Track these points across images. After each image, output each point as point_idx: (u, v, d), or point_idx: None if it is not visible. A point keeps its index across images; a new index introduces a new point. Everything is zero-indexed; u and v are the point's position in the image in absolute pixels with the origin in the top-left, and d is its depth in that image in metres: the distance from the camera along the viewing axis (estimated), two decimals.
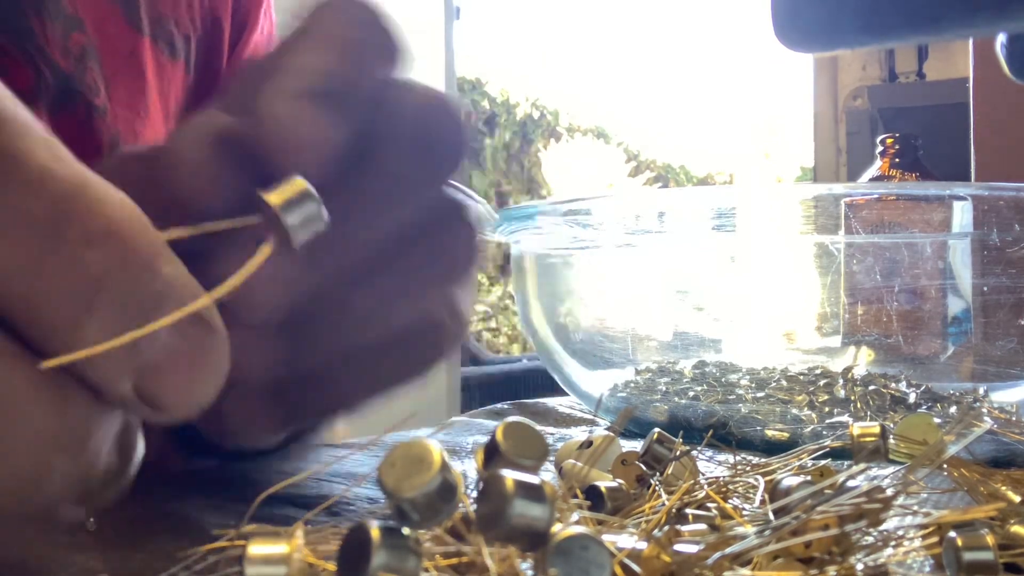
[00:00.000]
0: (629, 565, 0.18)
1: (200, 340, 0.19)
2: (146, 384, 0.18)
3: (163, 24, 0.53)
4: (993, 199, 0.50)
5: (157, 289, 0.19)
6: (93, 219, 0.18)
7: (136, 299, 0.18)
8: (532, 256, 0.59)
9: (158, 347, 0.18)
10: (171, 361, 0.19)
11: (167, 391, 0.19)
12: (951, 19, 0.30)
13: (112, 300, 0.18)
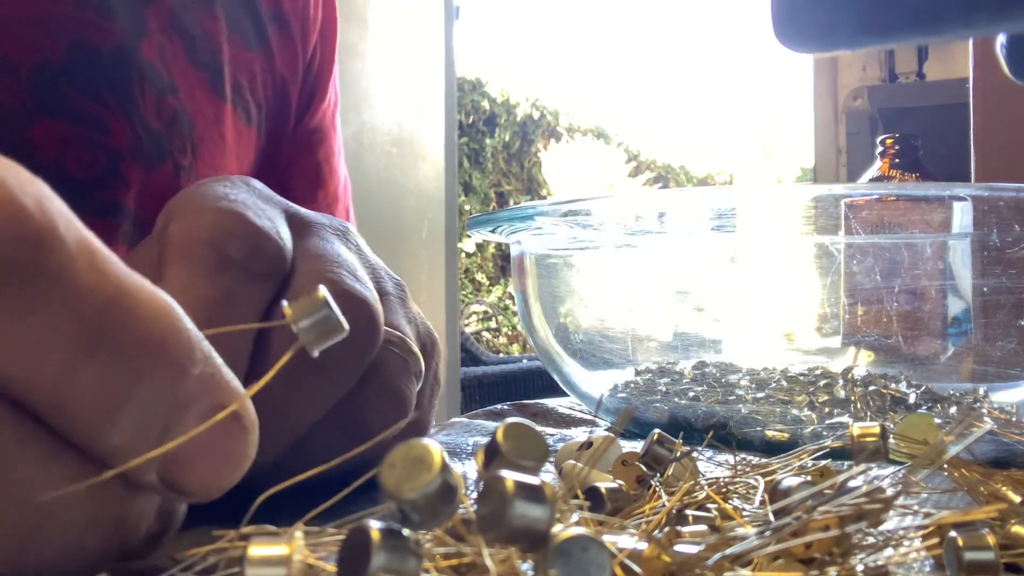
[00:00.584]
0: (629, 566, 0.18)
1: (227, 433, 0.20)
2: (170, 474, 0.19)
3: (241, 92, 0.56)
4: (993, 199, 0.50)
5: (184, 393, 0.19)
6: (128, 331, 0.19)
7: (163, 405, 0.19)
8: (532, 256, 0.59)
9: (181, 444, 0.19)
10: (196, 453, 0.19)
11: (191, 480, 0.19)
12: (951, 19, 0.30)
13: (139, 407, 0.19)
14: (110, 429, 0.19)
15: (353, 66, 2.52)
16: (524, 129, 6.26)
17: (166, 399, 0.19)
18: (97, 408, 0.18)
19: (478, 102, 6.05)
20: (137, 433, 0.19)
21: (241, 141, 0.56)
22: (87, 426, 0.19)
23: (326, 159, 0.65)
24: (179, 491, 0.20)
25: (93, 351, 0.18)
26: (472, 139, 5.96)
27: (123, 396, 0.19)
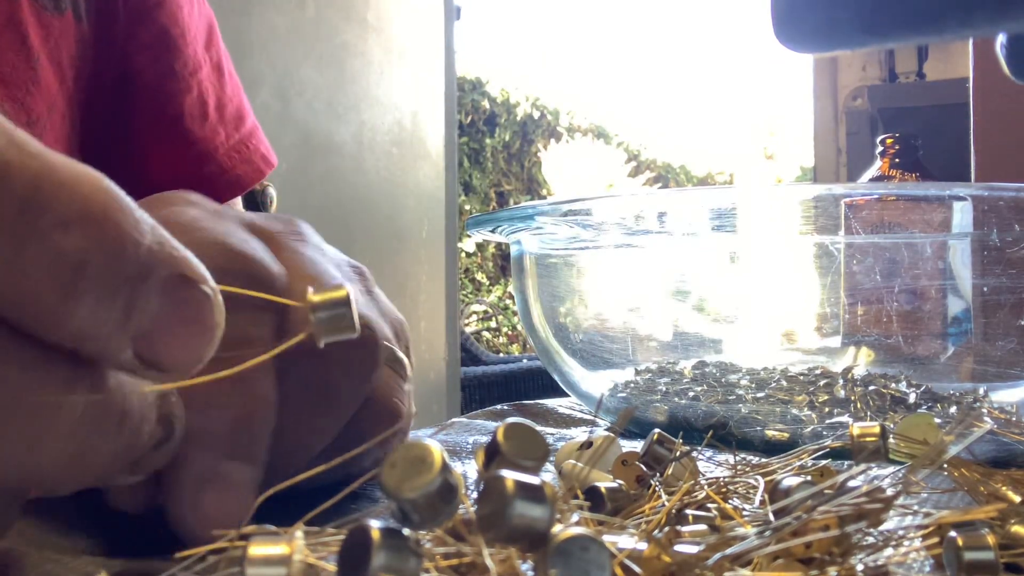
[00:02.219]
0: (629, 566, 0.18)
1: (190, 301, 0.19)
2: (144, 349, 0.19)
3: None
4: (993, 199, 0.50)
5: (141, 261, 0.19)
6: (65, 203, 0.18)
7: (121, 275, 0.18)
8: (532, 256, 0.59)
9: (149, 314, 0.19)
10: (164, 325, 0.19)
11: (165, 352, 0.19)
12: (951, 19, 0.30)
13: (96, 281, 0.18)
14: (70, 310, 0.18)
15: (353, 66, 2.52)
16: (524, 129, 6.26)
17: (121, 270, 0.18)
18: (50, 289, 0.18)
19: (478, 102, 6.05)
20: (99, 310, 0.18)
21: (51, 36, 0.49)
22: (45, 312, 0.18)
23: (172, 21, 0.56)
24: (156, 366, 0.19)
25: (33, 225, 0.17)
26: (472, 139, 5.96)
27: (75, 272, 0.18)
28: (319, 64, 2.42)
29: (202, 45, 0.58)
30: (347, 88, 2.51)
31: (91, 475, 0.20)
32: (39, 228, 0.18)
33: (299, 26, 2.37)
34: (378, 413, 0.31)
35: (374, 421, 0.30)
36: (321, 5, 2.45)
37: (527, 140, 6.27)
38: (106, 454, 0.19)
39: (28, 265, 0.17)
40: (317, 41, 2.43)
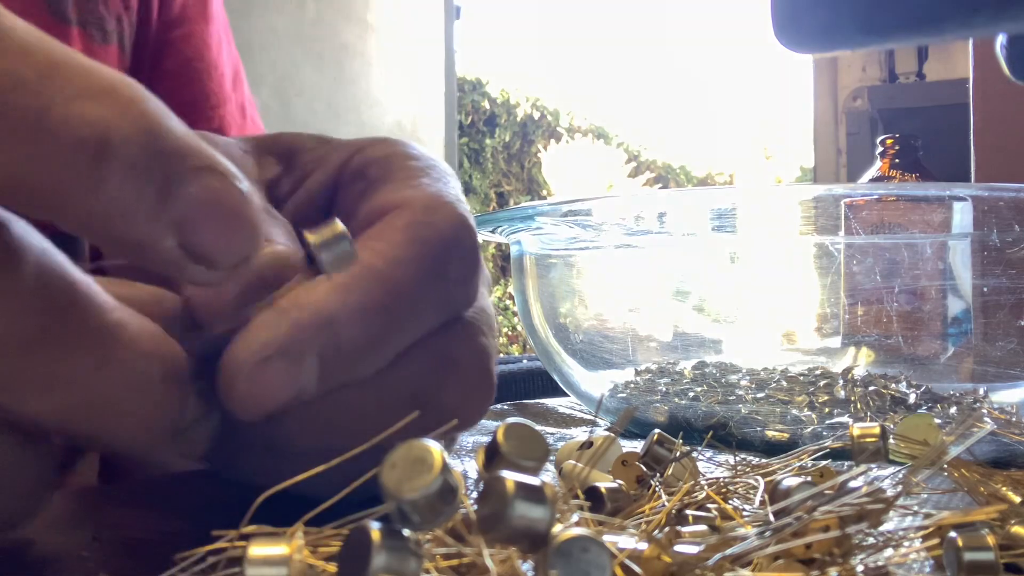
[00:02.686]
0: (630, 566, 0.18)
1: (227, 193, 0.19)
2: (188, 238, 0.19)
3: (91, 8, 0.51)
4: (993, 200, 0.50)
5: (173, 143, 0.18)
6: (90, 77, 0.18)
7: (152, 151, 0.18)
8: (532, 256, 0.59)
9: (187, 200, 0.19)
10: (204, 213, 0.19)
11: (209, 241, 0.19)
12: (951, 19, 0.30)
13: (123, 152, 0.18)
14: (100, 185, 0.18)
15: (353, 66, 2.53)
16: (524, 129, 6.26)
17: (151, 146, 0.18)
18: (83, 156, 0.17)
19: (478, 102, 6.05)
20: (129, 185, 0.18)
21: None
22: (76, 184, 0.17)
23: (197, 55, 0.58)
24: (204, 258, 0.19)
25: (56, 93, 0.17)
26: (472, 139, 5.97)
27: (99, 141, 0.17)
28: (319, 64, 2.42)
29: (228, 85, 0.59)
30: (347, 88, 2.51)
31: (139, 423, 0.20)
32: (62, 96, 0.17)
33: (299, 26, 2.37)
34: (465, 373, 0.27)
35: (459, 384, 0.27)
36: (321, 5, 2.45)
37: (527, 140, 6.27)
38: (157, 402, 0.20)
39: (54, 130, 0.17)
40: (317, 41, 2.43)
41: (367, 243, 0.25)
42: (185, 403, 0.21)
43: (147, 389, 0.20)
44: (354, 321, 0.24)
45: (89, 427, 0.20)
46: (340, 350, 0.23)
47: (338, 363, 0.23)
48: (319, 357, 0.23)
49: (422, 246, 0.25)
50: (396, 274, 0.25)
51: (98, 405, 0.20)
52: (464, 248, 0.26)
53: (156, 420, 0.21)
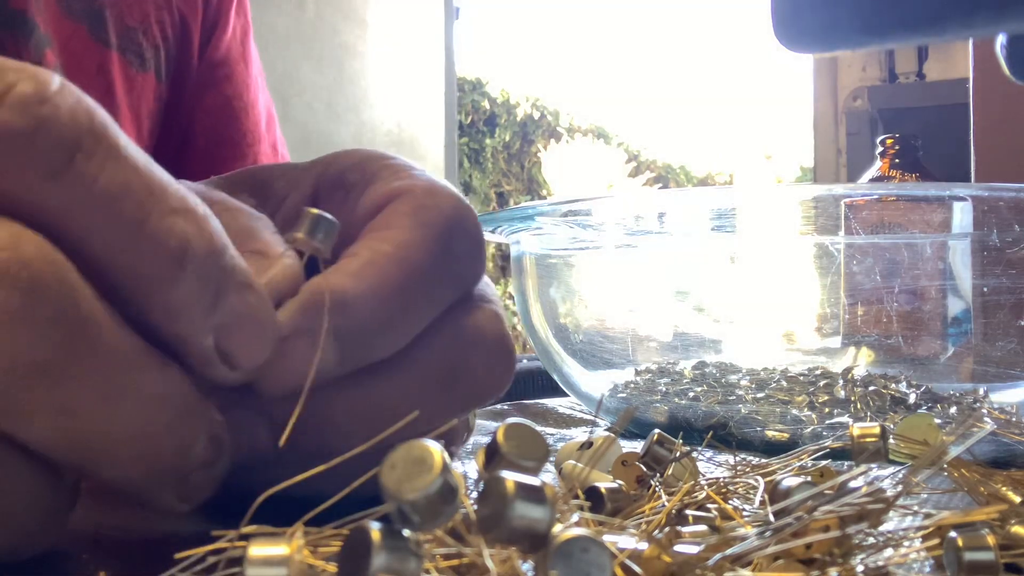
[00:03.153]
0: (630, 566, 0.18)
1: (259, 306, 0.23)
2: (222, 340, 0.22)
3: (131, 36, 0.53)
4: (993, 200, 0.50)
5: (228, 260, 0.22)
6: (177, 196, 0.21)
7: (216, 265, 0.22)
8: (532, 256, 0.59)
9: (231, 309, 0.22)
10: (241, 323, 0.22)
11: (239, 348, 0.22)
12: (951, 19, 0.30)
13: (198, 264, 0.21)
14: (180, 278, 0.21)
15: (353, 66, 2.53)
16: (524, 129, 6.26)
17: (216, 262, 0.22)
18: (169, 259, 0.21)
19: (478, 102, 6.05)
20: (196, 290, 0.21)
21: (133, 89, 0.53)
22: (162, 274, 0.21)
23: (236, 95, 0.61)
24: (229, 359, 0.22)
25: (152, 206, 0.21)
26: (472, 139, 5.96)
27: (181, 251, 0.21)
28: (319, 64, 2.42)
29: (263, 125, 0.63)
30: (347, 88, 2.51)
31: (145, 462, 0.21)
32: (159, 209, 0.21)
33: (299, 26, 2.37)
34: (485, 343, 0.28)
35: (481, 353, 0.28)
36: (321, 5, 2.45)
37: (527, 140, 6.27)
38: (164, 445, 0.21)
39: (147, 240, 0.21)
40: (317, 41, 2.43)
41: (375, 231, 0.27)
42: (193, 447, 0.22)
43: (153, 428, 0.21)
44: (368, 302, 0.25)
45: (90, 460, 0.21)
46: (357, 330, 0.25)
47: (357, 342, 0.25)
48: (337, 337, 0.25)
49: (429, 227, 0.27)
50: (407, 255, 0.26)
51: (101, 438, 0.20)
52: (468, 225, 0.28)
53: (159, 461, 0.21)
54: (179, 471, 0.22)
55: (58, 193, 0.20)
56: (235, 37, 0.62)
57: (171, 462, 0.22)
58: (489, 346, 0.28)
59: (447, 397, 0.27)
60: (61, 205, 0.20)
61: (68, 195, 0.20)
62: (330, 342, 0.24)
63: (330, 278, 0.25)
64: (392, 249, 0.26)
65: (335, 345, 0.25)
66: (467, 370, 0.27)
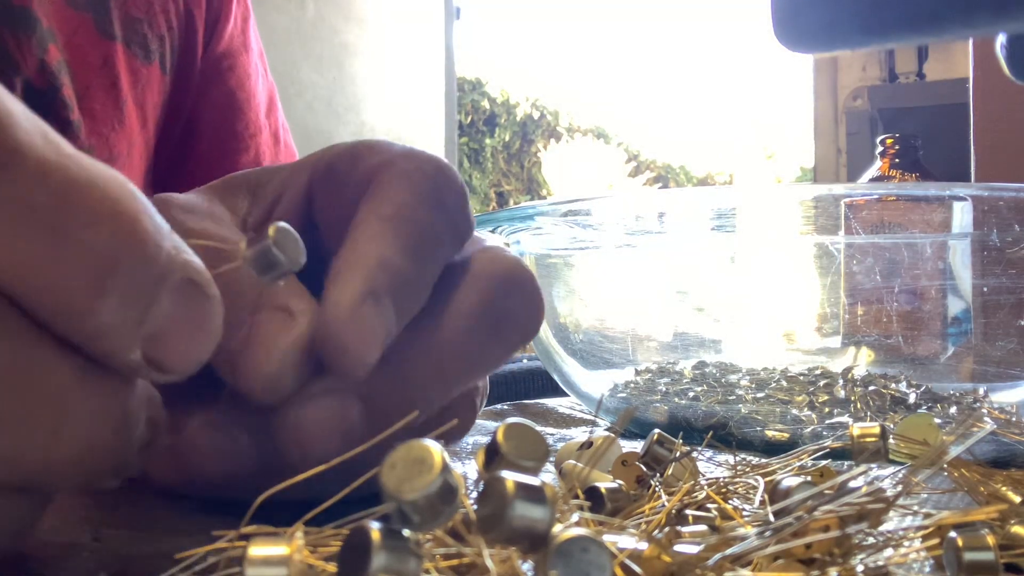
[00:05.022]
0: (630, 566, 0.18)
1: (199, 305, 0.20)
2: (153, 351, 0.20)
3: (136, 27, 0.53)
4: (993, 199, 0.50)
5: (162, 264, 0.20)
6: (97, 202, 0.19)
7: (146, 276, 0.19)
8: (532, 256, 0.59)
9: (163, 317, 0.20)
10: (174, 328, 0.20)
11: (172, 355, 0.20)
12: (951, 19, 0.30)
13: (123, 280, 0.19)
14: (97, 306, 0.19)
15: (352, 66, 2.52)
16: (524, 129, 6.26)
17: (147, 272, 0.19)
18: (81, 284, 0.18)
19: (478, 102, 6.05)
20: (122, 309, 0.19)
21: (139, 82, 0.53)
22: (73, 307, 0.19)
23: (239, 85, 0.61)
24: (160, 367, 0.20)
25: (68, 222, 0.18)
26: (472, 139, 5.96)
27: (104, 269, 0.19)
28: (319, 64, 2.42)
29: (264, 112, 0.63)
30: (347, 88, 2.51)
31: (92, 472, 0.20)
32: (73, 224, 0.18)
33: (299, 26, 2.37)
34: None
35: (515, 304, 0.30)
36: (321, 5, 2.45)
37: (527, 140, 6.27)
38: (109, 451, 0.20)
39: (62, 259, 0.18)
40: (317, 41, 2.43)
41: (371, 200, 0.28)
42: (133, 439, 0.21)
43: (97, 441, 0.20)
44: (398, 257, 0.26)
45: (34, 482, 0.20)
46: (400, 285, 0.26)
47: (403, 297, 0.26)
48: (390, 296, 0.25)
49: (418, 185, 0.28)
50: (407, 214, 0.27)
51: (44, 467, 0.20)
52: (451, 179, 0.29)
53: (103, 466, 0.21)
54: (121, 463, 0.21)
55: None
56: (236, 25, 0.61)
57: (114, 462, 0.21)
58: (524, 288, 0.30)
59: (497, 340, 0.29)
60: None
61: None
62: (388, 304, 0.25)
63: (360, 245, 0.26)
64: (393, 210, 0.27)
65: (392, 306, 0.25)
66: (510, 312, 0.29)
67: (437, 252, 0.28)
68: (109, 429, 0.20)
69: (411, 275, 0.27)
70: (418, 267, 0.27)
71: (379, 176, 0.29)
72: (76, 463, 0.20)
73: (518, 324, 0.29)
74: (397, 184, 0.28)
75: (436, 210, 0.28)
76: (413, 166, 0.29)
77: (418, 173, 0.29)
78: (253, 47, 0.63)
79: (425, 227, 0.28)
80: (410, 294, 0.27)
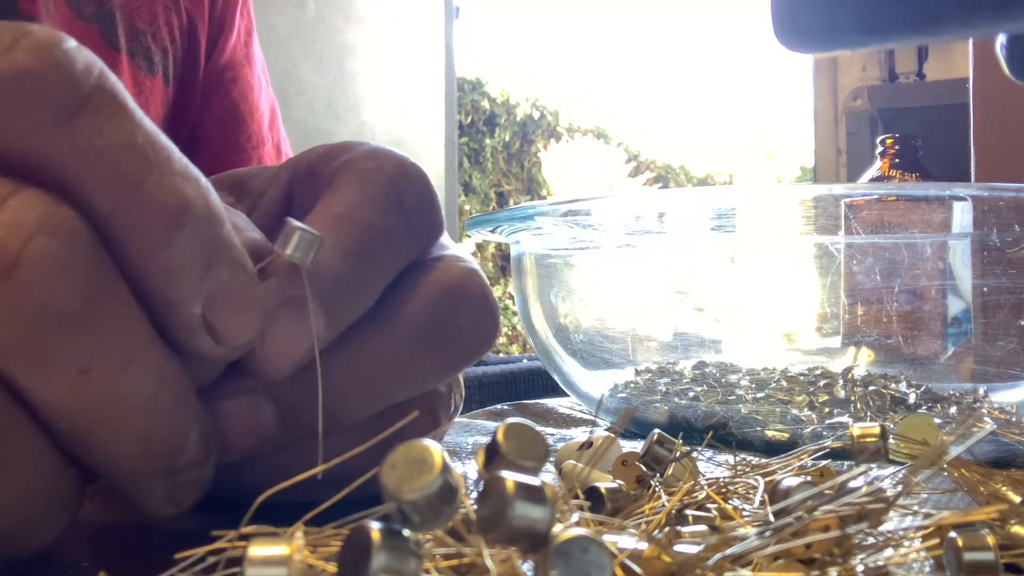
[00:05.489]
0: (630, 566, 0.18)
1: (250, 285, 0.23)
2: (210, 310, 0.22)
3: (140, 39, 0.53)
4: (993, 199, 0.50)
5: (224, 231, 0.22)
6: (178, 159, 0.22)
7: (212, 233, 0.22)
8: (532, 256, 0.59)
9: (222, 282, 0.22)
10: (231, 297, 0.22)
11: (225, 320, 0.22)
12: (951, 19, 0.30)
13: (195, 226, 0.21)
14: (175, 239, 0.21)
15: (352, 66, 2.52)
16: (524, 129, 6.26)
17: (213, 226, 0.22)
18: (167, 217, 0.21)
19: (478, 102, 6.05)
20: (190, 255, 0.21)
21: (142, 94, 0.53)
22: (157, 234, 0.21)
23: (242, 97, 0.62)
24: (215, 332, 0.22)
25: (157, 163, 0.21)
26: (472, 139, 5.96)
27: (181, 208, 0.21)
28: (319, 64, 2.42)
29: (266, 125, 0.63)
30: (347, 88, 2.51)
31: (148, 446, 0.21)
32: (159, 169, 0.21)
33: (299, 26, 2.37)
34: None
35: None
36: (321, 5, 2.45)
37: (527, 140, 6.27)
38: (165, 428, 0.21)
39: (147, 196, 0.21)
40: (317, 41, 2.43)
41: (326, 201, 0.28)
42: (188, 438, 0.22)
43: (157, 408, 0.21)
44: (335, 261, 0.26)
45: (96, 429, 0.21)
46: (333, 291, 0.26)
47: (336, 303, 0.26)
48: (319, 300, 0.25)
49: (374, 185, 0.28)
50: (356, 214, 0.27)
51: (111, 405, 0.20)
52: (413, 180, 0.29)
53: (157, 445, 0.21)
54: (172, 464, 0.22)
55: (63, 141, 0.20)
56: (239, 38, 0.62)
57: (167, 449, 0.22)
58: (473, 301, 0.28)
59: (438, 353, 0.28)
60: (64, 155, 0.20)
61: (72, 144, 0.20)
62: (315, 308, 0.25)
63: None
64: (343, 210, 0.27)
65: (319, 309, 0.25)
66: (454, 325, 0.28)
67: (387, 255, 0.27)
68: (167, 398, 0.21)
69: (351, 279, 0.26)
70: (361, 271, 0.26)
71: (337, 176, 0.29)
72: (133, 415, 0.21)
73: (463, 338, 0.28)
74: (351, 184, 0.28)
75: (391, 211, 0.27)
76: (373, 165, 0.28)
77: (377, 173, 0.28)
78: (256, 60, 0.64)
79: (375, 229, 0.27)
80: (348, 299, 0.26)
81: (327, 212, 0.27)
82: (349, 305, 0.26)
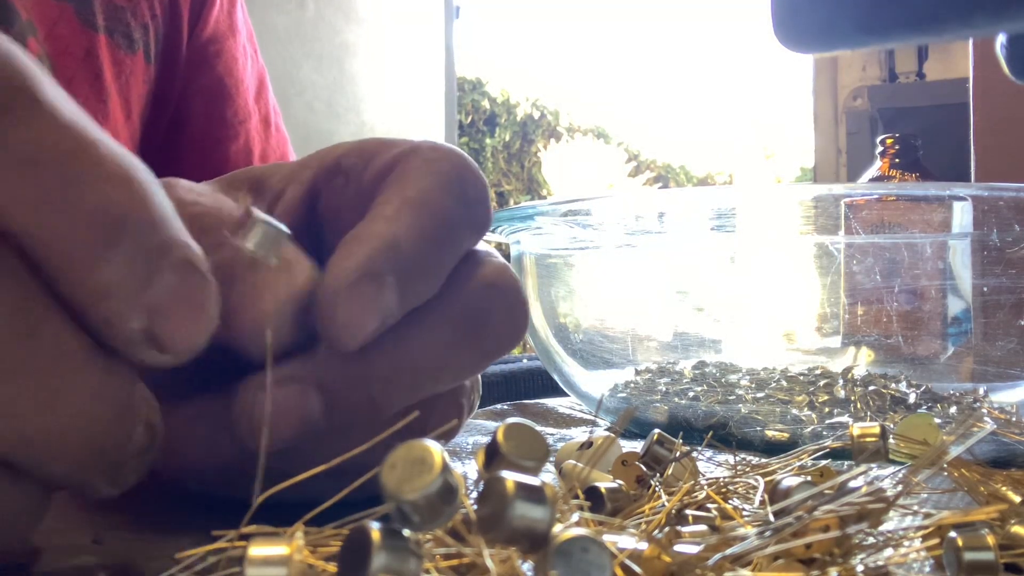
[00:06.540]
0: (630, 566, 0.18)
1: (199, 287, 0.20)
2: (153, 323, 0.20)
3: (119, 17, 0.52)
4: (993, 199, 0.50)
5: (167, 236, 0.20)
6: (110, 162, 0.19)
7: (152, 241, 0.19)
8: (532, 256, 0.59)
9: (165, 289, 0.20)
10: (175, 305, 0.20)
11: (171, 333, 0.20)
12: (951, 19, 0.30)
13: (130, 239, 0.19)
14: (106, 258, 0.19)
15: (352, 66, 2.52)
16: (524, 129, 6.25)
17: (153, 237, 0.19)
18: (95, 236, 0.19)
19: (478, 102, 6.04)
20: (128, 267, 0.19)
21: (122, 73, 0.52)
22: (84, 255, 0.19)
23: (227, 71, 0.60)
24: (158, 344, 0.20)
25: (81, 172, 0.19)
26: (472, 139, 5.96)
27: (115, 224, 0.19)
28: (319, 64, 2.42)
29: (252, 97, 0.62)
30: (347, 88, 2.51)
31: (87, 456, 0.20)
32: (87, 176, 0.19)
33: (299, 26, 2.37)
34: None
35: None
36: (321, 5, 2.45)
37: (527, 140, 6.26)
38: (106, 440, 0.20)
39: (73, 207, 0.19)
40: (317, 41, 2.43)
41: (394, 184, 0.28)
42: (132, 434, 0.21)
43: (95, 426, 0.20)
44: (413, 241, 0.26)
45: (30, 458, 0.20)
46: (408, 269, 0.26)
47: (409, 282, 0.26)
48: (395, 276, 0.25)
49: (443, 174, 0.28)
50: (429, 199, 0.27)
51: (42, 437, 0.19)
52: (474, 173, 0.29)
53: (99, 455, 0.20)
54: (117, 462, 0.21)
55: None
56: (223, 9, 0.60)
57: (110, 455, 0.21)
58: (508, 295, 0.29)
59: (474, 346, 0.28)
60: None
61: None
62: (392, 284, 0.25)
63: (375, 225, 0.26)
64: (416, 194, 0.27)
65: (395, 287, 0.25)
66: (490, 319, 0.28)
67: (455, 240, 0.28)
68: (108, 410, 0.20)
69: (424, 259, 0.26)
70: (433, 252, 0.27)
71: (404, 163, 0.29)
72: (70, 440, 0.19)
73: (497, 332, 0.29)
74: (421, 171, 0.28)
75: (457, 200, 0.28)
76: (437, 155, 0.29)
77: (443, 162, 0.29)
78: (241, 29, 0.62)
79: (446, 214, 0.28)
80: (420, 278, 0.27)
81: (401, 194, 0.27)
82: (421, 286, 0.27)
